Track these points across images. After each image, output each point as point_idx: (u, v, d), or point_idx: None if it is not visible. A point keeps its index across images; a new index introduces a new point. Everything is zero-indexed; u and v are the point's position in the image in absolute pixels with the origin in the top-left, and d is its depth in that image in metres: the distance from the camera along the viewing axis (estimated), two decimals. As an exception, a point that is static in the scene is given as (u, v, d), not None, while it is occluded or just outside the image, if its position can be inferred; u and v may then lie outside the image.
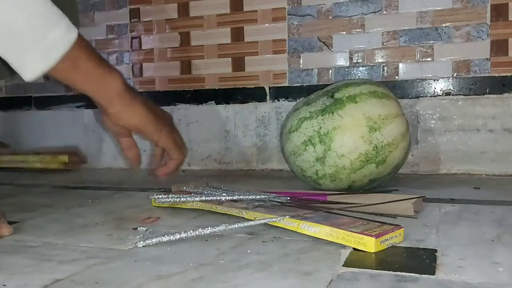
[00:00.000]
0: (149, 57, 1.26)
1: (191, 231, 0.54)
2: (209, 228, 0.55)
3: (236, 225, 0.56)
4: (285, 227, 0.56)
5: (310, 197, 0.72)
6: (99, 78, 0.56)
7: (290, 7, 1.11)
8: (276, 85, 1.14)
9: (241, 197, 0.70)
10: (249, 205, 0.66)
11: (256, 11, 1.14)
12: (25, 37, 0.50)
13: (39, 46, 0.50)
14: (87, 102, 1.31)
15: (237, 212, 0.63)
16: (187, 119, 1.23)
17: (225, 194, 0.71)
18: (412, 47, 1.03)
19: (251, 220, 0.58)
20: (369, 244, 0.48)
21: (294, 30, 1.11)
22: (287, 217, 0.56)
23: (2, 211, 0.65)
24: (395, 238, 0.51)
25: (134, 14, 1.27)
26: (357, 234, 0.49)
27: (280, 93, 1.14)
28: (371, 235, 0.49)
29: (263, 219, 0.58)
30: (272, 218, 0.57)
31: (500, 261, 0.45)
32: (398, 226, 0.53)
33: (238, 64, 1.17)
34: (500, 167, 0.98)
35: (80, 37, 0.53)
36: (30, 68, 0.51)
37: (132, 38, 1.28)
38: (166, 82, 1.25)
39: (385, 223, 0.55)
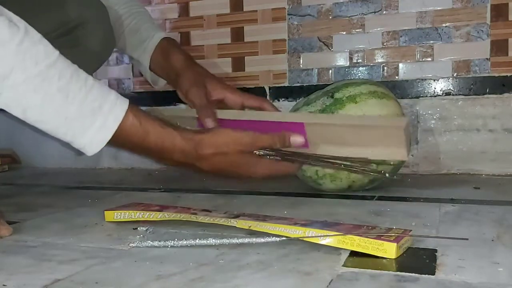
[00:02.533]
0: (149, 57, 1.26)
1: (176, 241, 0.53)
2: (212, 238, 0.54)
3: (233, 240, 0.52)
4: (288, 235, 0.51)
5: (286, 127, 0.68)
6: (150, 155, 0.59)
7: (290, 7, 1.11)
8: (276, 85, 1.14)
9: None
10: (227, 213, 0.61)
11: (256, 11, 1.14)
12: (60, 137, 0.54)
13: (74, 145, 0.55)
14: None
15: (225, 222, 0.57)
16: (187, 119, 1.22)
17: None
18: (412, 47, 1.03)
19: (245, 229, 0.55)
20: (390, 250, 0.46)
21: (294, 30, 1.11)
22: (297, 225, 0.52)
23: (2, 211, 0.65)
24: (408, 242, 0.50)
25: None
26: (376, 240, 0.47)
27: (280, 93, 1.14)
28: (391, 241, 0.46)
29: (267, 235, 0.52)
30: (283, 228, 0.52)
31: (500, 261, 0.45)
32: (407, 230, 0.51)
33: (238, 64, 1.17)
34: (500, 167, 0.98)
35: (126, 119, 0.54)
36: (81, 150, 0.56)
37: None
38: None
39: (391, 228, 0.52)
